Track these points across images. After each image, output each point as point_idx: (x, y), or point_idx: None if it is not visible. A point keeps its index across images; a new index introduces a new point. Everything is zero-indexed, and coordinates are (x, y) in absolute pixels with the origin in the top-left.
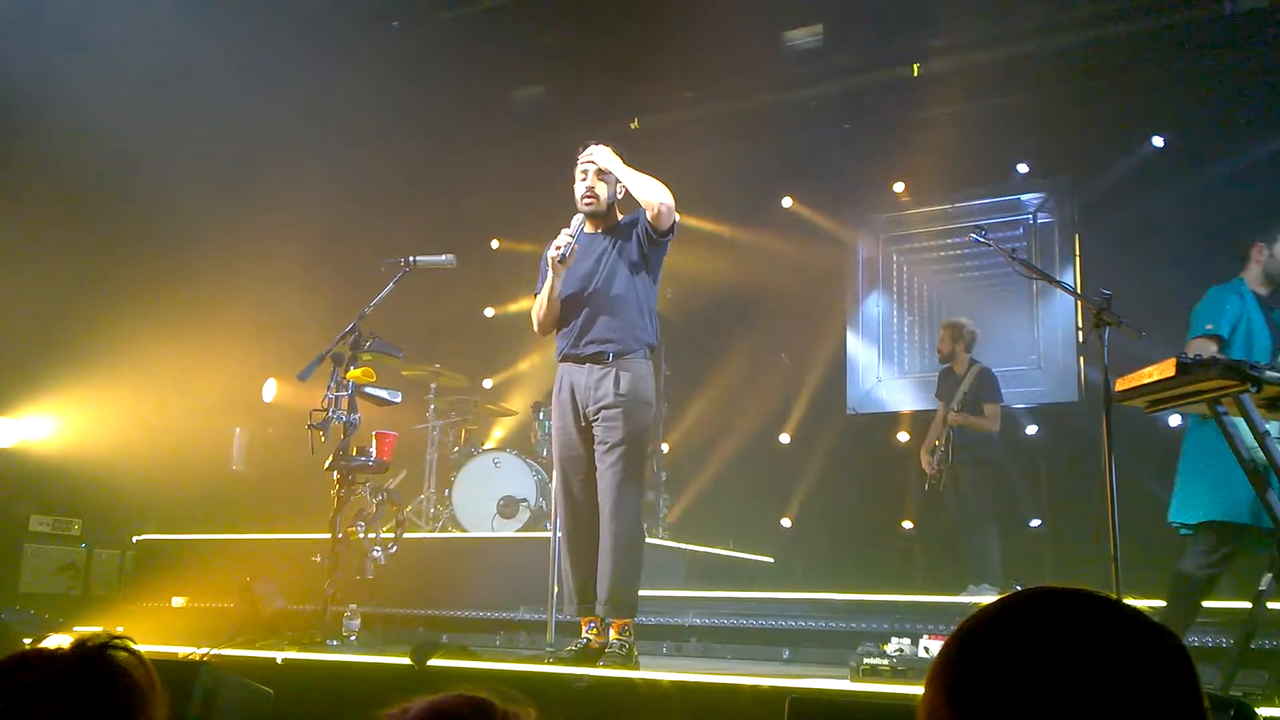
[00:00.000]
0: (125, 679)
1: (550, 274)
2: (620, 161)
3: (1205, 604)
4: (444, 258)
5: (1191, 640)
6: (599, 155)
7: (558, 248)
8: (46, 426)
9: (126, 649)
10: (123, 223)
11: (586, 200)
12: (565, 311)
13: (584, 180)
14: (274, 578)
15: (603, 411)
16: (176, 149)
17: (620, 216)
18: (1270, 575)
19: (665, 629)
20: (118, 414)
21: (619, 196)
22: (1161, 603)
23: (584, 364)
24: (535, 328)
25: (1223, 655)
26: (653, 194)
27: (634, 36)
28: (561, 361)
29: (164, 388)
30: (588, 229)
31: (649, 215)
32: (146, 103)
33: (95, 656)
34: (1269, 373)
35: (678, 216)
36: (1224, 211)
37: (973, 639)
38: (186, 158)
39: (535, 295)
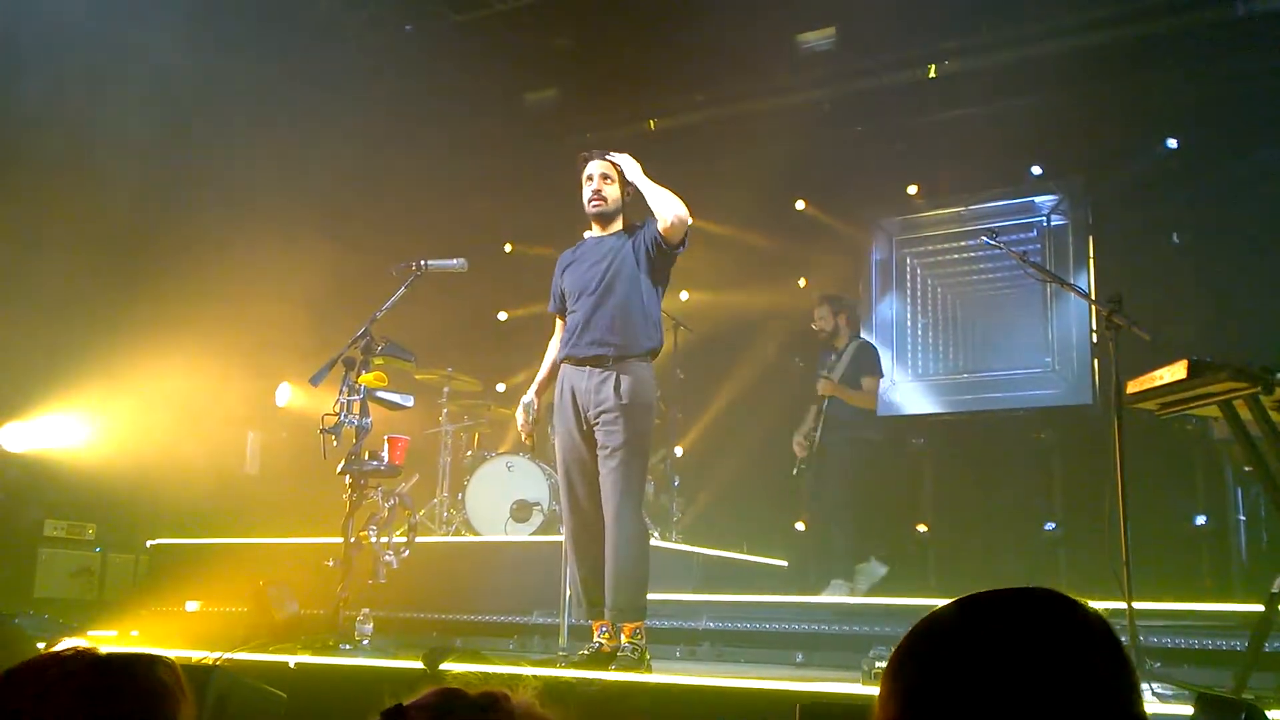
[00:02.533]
0: (150, 680)
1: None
2: (642, 171)
3: (1217, 607)
4: (455, 261)
5: (1204, 643)
6: (625, 164)
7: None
8: (60, 431)
9: (157, 658)
10: (136, 227)
11: (594, 203)
12: (571, 311)
13: (590, 184)
14: (287, 582)
15: (603, 416)
16: (188, 155)
17: (629, 220)
18: None
19: (678, 633)
20: (132, 419)
21: (627, 199)
22: (1170, 604)
23: (584, 367)
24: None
25: (1235, 658)
26: (667, 208)
27: (646, 40)
28: (562, 363)
29: (177, 392)
30: (595, 231)
31: (660, 227)
32: (162, 109)
33: (122, 658)
34: None
35: (689, 229)
36: (1238, 214)
37: (923, 638)
38: (198, 163)
39: (547, 309)
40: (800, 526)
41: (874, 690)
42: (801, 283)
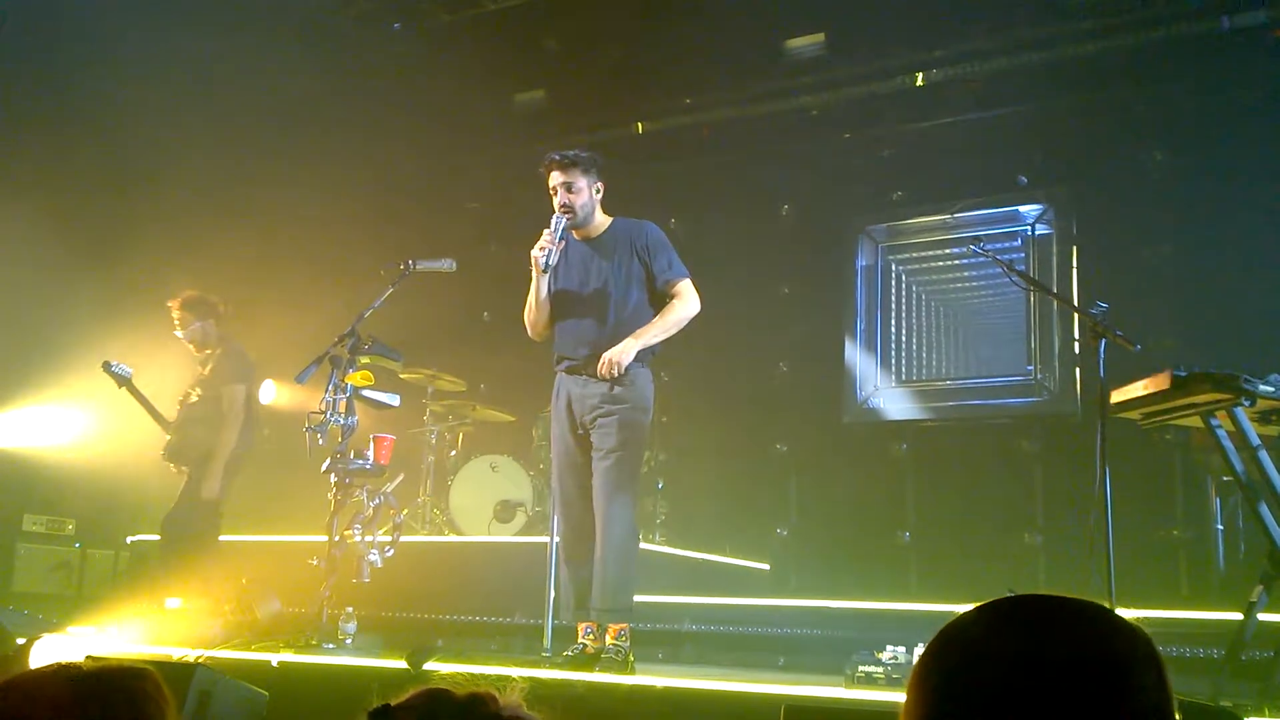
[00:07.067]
0: (133, 692)
1: (536, 276)
2: (636, 343)
3: (1195, 615)
4: (444, 262)
5: (1183, 651)
6: (621, 353)
7: (542, 248)
8: (40, 426)
9: (139, 668)
10: (120, 221)
11: (565, 217)
12: (562, 318)
13: (555, 197)
14: (269, 580)
15: (599, 419)
16: (176, 150)
17: (609, 219)
18: (1262, 587)
19: (660, 635)
20: (113, 414)
21: (598, 196)
22: (1152, 612)
23: (580, 374)
24: (528, 331)
25: (1213, 666)
26: (682, 324)
27: (636, 42)
28: (559, 369)
29: (159, 388)
30: (576, 236)
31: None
32: (153, 101)
33: (102, 671)
34: (1262, 386)
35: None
36: (1222, 226)
37: (952, 641)
38: (184, 158)
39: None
40: (782, 531)
41: (857, 694)
42: (786, 289)
